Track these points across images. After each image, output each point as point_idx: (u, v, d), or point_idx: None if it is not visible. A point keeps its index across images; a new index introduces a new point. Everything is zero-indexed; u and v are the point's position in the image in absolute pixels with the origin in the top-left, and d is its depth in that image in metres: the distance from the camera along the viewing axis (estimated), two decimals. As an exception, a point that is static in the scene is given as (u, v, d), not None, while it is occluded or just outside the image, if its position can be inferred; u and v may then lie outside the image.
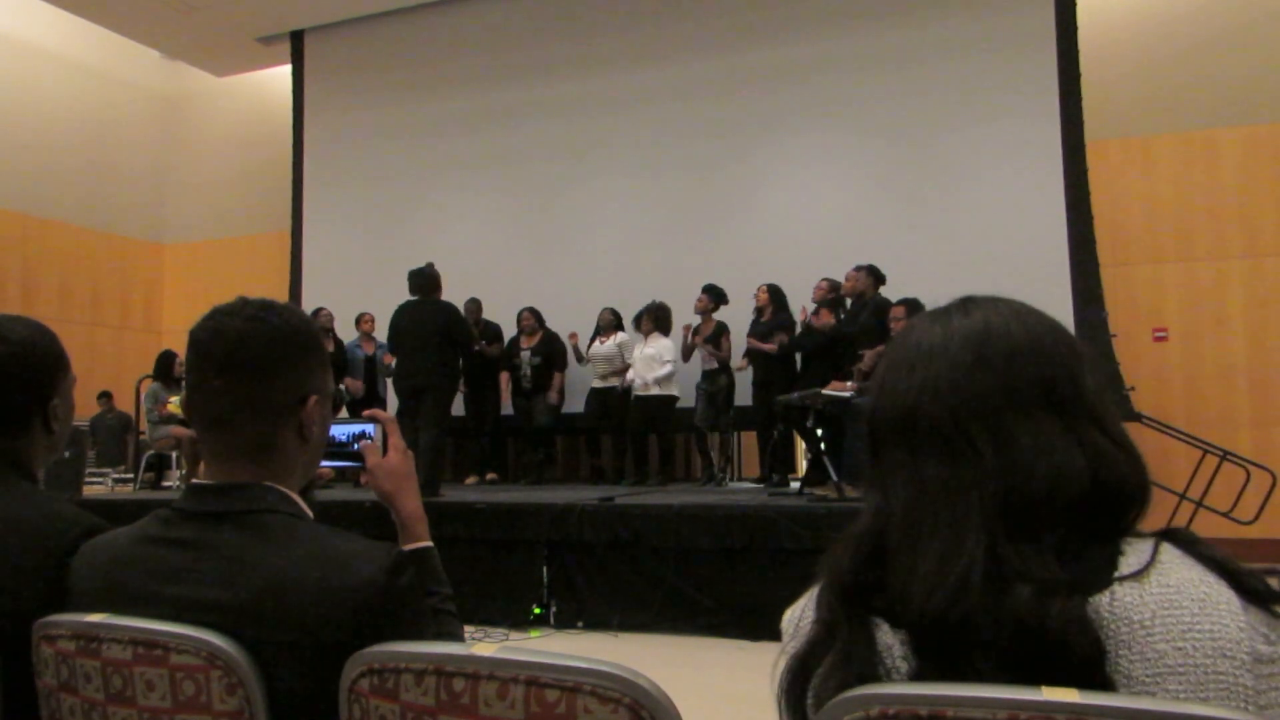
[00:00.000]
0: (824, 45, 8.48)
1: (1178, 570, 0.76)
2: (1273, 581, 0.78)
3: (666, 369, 7.50)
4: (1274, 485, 6.33)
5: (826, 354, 6.81)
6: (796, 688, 0.84)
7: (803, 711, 0.82)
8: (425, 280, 6.51)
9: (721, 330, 7.63)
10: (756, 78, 8.64)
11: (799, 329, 7.17)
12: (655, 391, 7.54)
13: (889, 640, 0.80)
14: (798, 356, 7.30)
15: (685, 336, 7.73)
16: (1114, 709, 0.67)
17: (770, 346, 7.17)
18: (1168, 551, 0.78)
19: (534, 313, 8.35)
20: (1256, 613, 0.74)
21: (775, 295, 7.42)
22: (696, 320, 7.76)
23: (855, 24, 8.41)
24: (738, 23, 8.73)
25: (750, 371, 7.47)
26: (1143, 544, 0.79)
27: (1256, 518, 6.24)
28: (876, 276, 6.84)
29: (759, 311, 7.48)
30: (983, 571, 0.76)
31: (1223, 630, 0.73)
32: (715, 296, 7.72)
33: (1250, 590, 0.76)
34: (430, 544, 1.34)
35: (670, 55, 8.95)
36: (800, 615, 0.90)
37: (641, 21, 9.10)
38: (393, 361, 7.83)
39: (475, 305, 8.43)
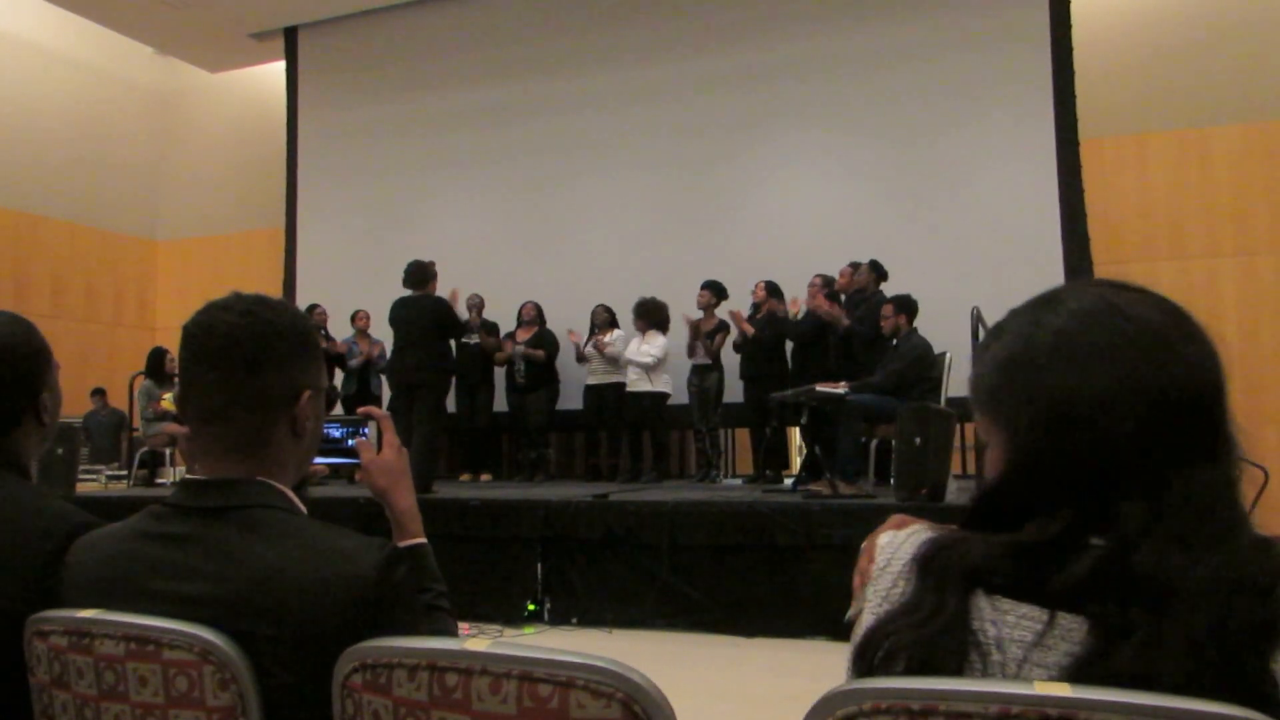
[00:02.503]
0: (819, 43, 8.49)
1: None
2: None
3: (648, 360, 7.50)
4: (1266, 483, 6.33)
5: (818, 343, 6.84)
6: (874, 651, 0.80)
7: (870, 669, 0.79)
8: (416, 274, 6.53)
9: (721, 328, 7.63)
10: (752, 75, 8.64)
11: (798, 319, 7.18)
12: (647, 388, 7.54)
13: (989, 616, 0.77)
14: (788, 353, 7.31)
15: (689, 333, 7.71)
16: (1103, 703, 0.67)
17: (748, 328, 7.17)
18: None
19: (537, 306, 8.35)
20: None
21: (773, 292, 7.43)
22: (698, 315, 7.76)
23: (850, 22, 8.41)
24: (734, 20, 8.73)
25: (739, 366, 7.48)
26: None
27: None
28: (879, 272, 6.85)
29: (756, 307, 7.48)
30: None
31: None
32: (716, 292, 7.72)
33: None
34: (424, 540, 1.34)
35: (667, 52, 8.94)
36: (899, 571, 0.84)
37: (639, 19, 9.09)
38: (367, 348, 8.03)
39: (478, 299, 8.42)
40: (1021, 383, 0.84)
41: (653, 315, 7.69)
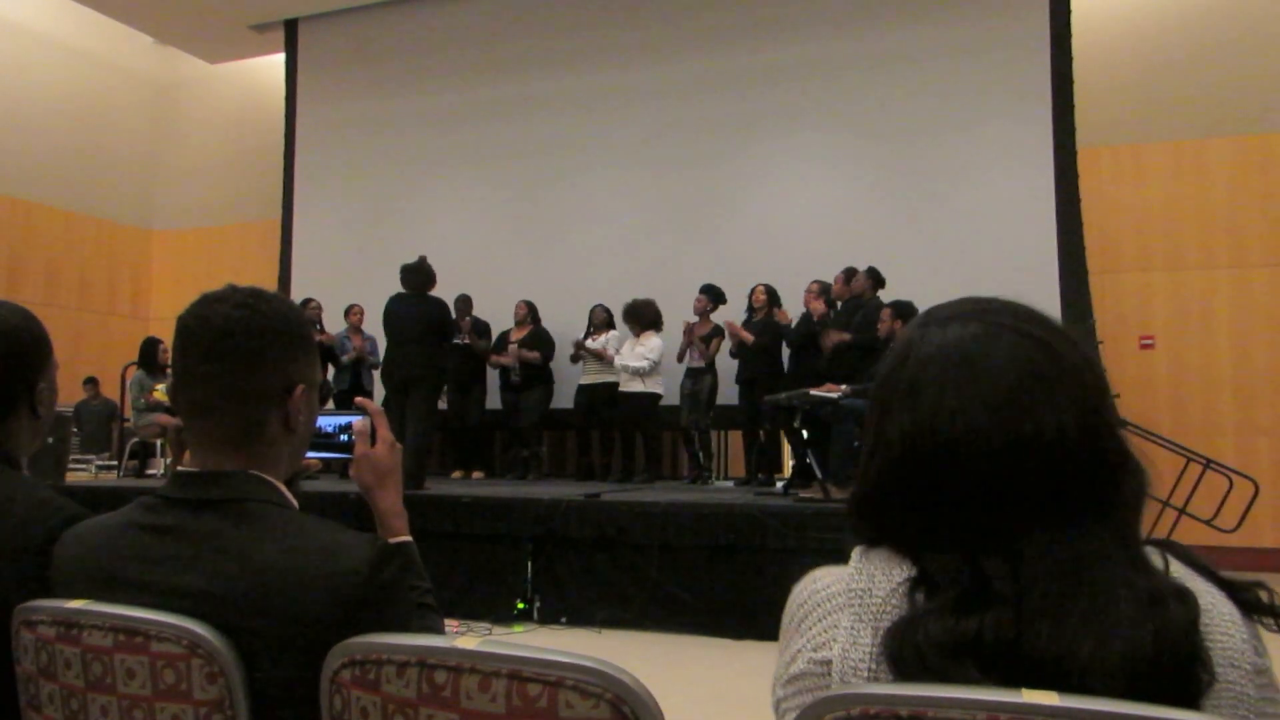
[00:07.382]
0: (819, 46, 8.49)
1: (1186, 581, 0.77)
2: (1262, 595, 0.80)
3: (643, 364, 7.45)
4: (1256, 494, 6.37)
5: (812, 347, 6.84)
6: None
7: None
8: (420, 275, 6.49)
9: (716, 333, 7.61)
10: (751, 77, 8.64)
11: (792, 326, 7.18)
12: (639, 389, 7.52)
13: None
14: (784, 356, 7.30)
15: (685, 338, 7.69)
16: (1089, 711, 0.67)
17: (746, 335, 7.15)
18: (1172, 562, 0.80)
19: (529, 305, 8.32)
20: (1251, 625, 0.76)
21: (773, 297, 7.41)
22: (694, 319, 7.74)
23: (850, 25, 8.42)
24: (733, 21, 8.73)
25: (735, 370, 7.46)
26: (1150, 552, 0.80)
27: (1238, 526, 6.28)
28: (876, 279, 6.85)
29: (752, 311, 7.46)
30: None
31: (1229, 640, 0.74)
32: (714, 297, 7.70)
33: (1246, 603, 0.78)
34: (409, 539, 1.33)
35: (665, 52, 8.94)
36: (831, 624, 0.81)
37: (637, 18, 9.08)
38: (359, 343, 8.04)
39: (465, 302, 8.40)
40: (890, 395, 0.84)
41: (643, 316, 7.66)
